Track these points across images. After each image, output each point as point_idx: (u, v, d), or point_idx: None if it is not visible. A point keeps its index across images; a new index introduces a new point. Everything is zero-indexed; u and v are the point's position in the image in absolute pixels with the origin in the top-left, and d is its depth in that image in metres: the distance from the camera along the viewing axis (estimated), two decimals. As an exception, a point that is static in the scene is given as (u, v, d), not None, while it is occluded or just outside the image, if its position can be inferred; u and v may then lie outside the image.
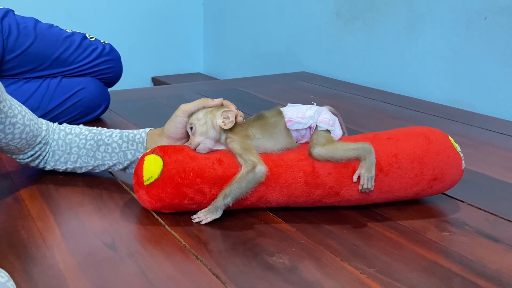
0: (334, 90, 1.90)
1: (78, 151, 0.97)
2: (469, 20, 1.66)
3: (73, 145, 0.97)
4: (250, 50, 2.75)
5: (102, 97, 1.41)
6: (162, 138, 0.94)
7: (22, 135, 0.91)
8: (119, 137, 0.97)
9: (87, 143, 0.97)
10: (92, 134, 0.97)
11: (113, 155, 0.97)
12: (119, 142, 0.96)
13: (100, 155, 0.97)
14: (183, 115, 0.90)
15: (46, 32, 1.32)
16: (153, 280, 0.67)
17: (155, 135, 0.96)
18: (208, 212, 0.82)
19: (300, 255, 0.74)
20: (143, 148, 0.96)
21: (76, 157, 0.97)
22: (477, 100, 1.67)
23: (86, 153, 0.97)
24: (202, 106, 0.89)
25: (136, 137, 0.96)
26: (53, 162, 0.99)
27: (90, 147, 0.96)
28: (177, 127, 0.91)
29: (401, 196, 0.87)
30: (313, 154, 0.82)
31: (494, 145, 1.28)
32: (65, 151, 0.97)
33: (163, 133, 0.93)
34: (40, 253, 0.73)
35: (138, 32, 2.90)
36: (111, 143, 0.96)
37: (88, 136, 0.97)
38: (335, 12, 2.17)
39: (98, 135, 0.97)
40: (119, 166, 0.98)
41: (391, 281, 0.68)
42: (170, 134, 0.92)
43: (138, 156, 0.96)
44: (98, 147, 0.96)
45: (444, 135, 0.90)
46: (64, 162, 0.99)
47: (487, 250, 0.77)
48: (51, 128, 0.99)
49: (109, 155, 0.97)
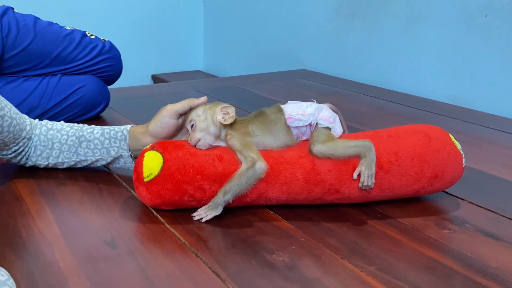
0: (334, 88, 1.90)
1: (60, 146, 0.97)
2: (469, 17, 1.66)
3: (55, 140, 0.97)
4: (250, 48, 2.74)
5: (102, 95, 1.41)
6: (146, 137, 0.95)
7: (10, 128, 0.91)
8: (101, 133, 0.97)
9: (68, 139, 0.97)
10: (73, 130, 0.98)
11: (96, 152, 0.97)
12: (101, 138, 0.97)
13: (82, 151, 0.97)
14: (169, 116, 0.91)
15: (46, 30, 1.32)
16: (153, 278, 0.67)
17: (138, 133, 0.96)
18: (208, 209, 0.82)
19: (300, 253, 0.74)
20: (126, 145, 0.96)
21: (58, 152, 0.98)
22: (477, 98, 1.66)
23: (68, 148, 0.97)
24: (188, 107, 0.91)
25: (118, 134, 0.97)
26: (35, 157, 0.99)
27: (72, 143, 0.97)
28: (162, 127, 0.92)
29: (401, 194, 0.87)
30: (313, 151, 0.82)
31: (494, 142, 1.28)
32: (47, 146, 0.98)
33: (147, 132, 0.94)
34: (40, 251, 0.73)
35: (138, 29, 2.89)
36: (93, 140, 0.97)
37: (69, 132, 0.98)
38: (335, 9, 2.17)
39: (79, 131, 0.98)
40: (102, 162, 0.99)
41: (391, 279, 0.68)
42: (155, 134, 0.93)
43: (121, 153, 0.97)
44: (80, 143, 0.97)
45: (444, 133, 0.89)
46: (46, 158, 0.99)
47: (487, 248, 0.77)
48: (33, 123, 0.99)
49: (92, 151, 0.97)
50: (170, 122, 0.92)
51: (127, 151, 0.97)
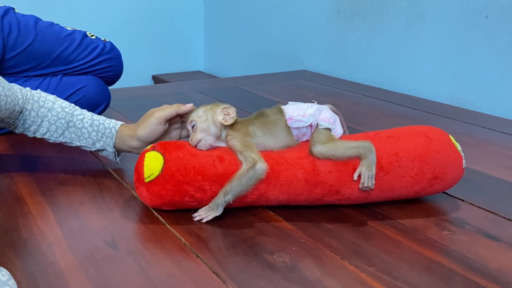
0: (335, 89, 1.90)
1: (49, 126, 0.99)
2: (470, 18, 1.66)
3: (45, 119, 0.99)
4: (251, 48, 2.74)
5: (102, 95, 1.41)
6: (133, 140, 0.97)
7: (6, 105, 0.93)
8: (90, 124, 0.99)
9: (58, 121, 0.99)
10: (64, 113, 0.99)
11: (82, 139, 1.00)
12: (89, 129, 0.99)
13: (68, 135, 1.00)
14: (157, 123, 0.94)
15: (47, 30, 1.32)
16: (153, 278, 0.67)
17: (125, 135, 0.98)
18: (209, 210, 0.82)
19: (300, 254, 0.74)
20: (112, 143, 0.99)
21: (45, 130, 1.00)
22: (478, 99, 1.66)
23: (55, 129, 0.99)
24: (175, 113, 0.94)
25: (106, 131, 0.99)
26: (22, 129, 1.01)
27: (60, 125, 0.99)
28: (150, 133, 0.95)
29: (401, 195, 0.87)
30: (314, 152, 0.82)
31: (495, 143, 1.28)
32: (36, 122, 0.99)
33: (135, 136, 0.96)
34: (41, 251, 0.73)
35: (139, 30, 2.89)
36: (81, 128, 0.99)
37: (60, 114, 0.99)
38: (336, 10, 2.17)
39: (69, 115, 0.99)
40: (86, 148, 1.02)
41: (391, 280, 0.68)
42: (143, 139, 0.96)
43: (105, 148, 1.00)
44: (68, 127, 0.99)
45: (444, 134, 0.90)
46: (33, 132, 1.01)
47: (488, 249, 0.77)
48: (25, 96, 1.00)
49: (78, 138, 1.00)
50: (158, 129, 0.95)
51: (112, 147, 0.99)
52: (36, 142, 1.20)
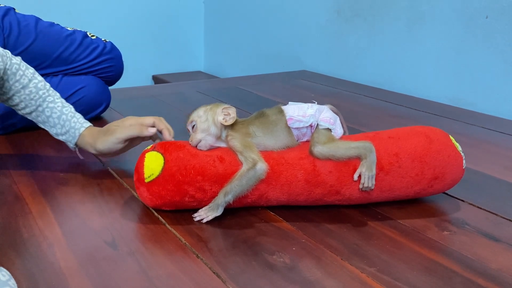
0: (335, 89, 1.90)
1: (19, 101, 1.01)
2: (470, 18, 1.66)
3: (16, 94, 1.00)
4: (251, 49, 2.74)
5: (103, 96, 1.41)
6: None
7: None
8: (57, 116, 1.01)
9: (28, 101, 1.00)
10: (37, 95, 1.01)
11: (47, 125, 1.02)
12: (56, 121, 1.01)
13: (35, 117, 1.02)
14: (116, 142, 0.98)
15: (47, 30, 1.32)
16: (154, 279, 0.67)
17: (86, 142, 1.01)
18: (209, 210, 0.82)
19: (300, 254, 0.74)
20: (74, 142, 1.01)
21: (14, 103, 1.02)
22: (478, 99, 1.67)
23: (24, 107, 1.01)
24: (136, 135, 0.97)
25: (70, 130, 1.01)
26: None
27: (30, 105, 1.01)
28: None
29: (401, 195, 0.87)
30: (314, 152, 0.82)
31: (495, 144, 1.28)
32: (7, 94, 1.01)
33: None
34: (41, 251, 0.73)
35: (139, 30, 2.89)
36: (48, 117, 1.01)
37: (32, 95, 1.00)
38: (336, 10, 2.17)
39: (41, 99, 1.01)
40: (47, 131, 1.04)
41: (391, 280, 0.68)
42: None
43: (67, 143, 1.02)
44: (37, 110, 1.01)
45: (445, 134, 0.90)
46: (5, 101, 1.02)
47: (488, 249, 0.77)
48: (5, 65, 0.98)
49: (43, 123, 1.02)
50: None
51: (73, 145, 1.02)
52: (36, 142, 1.20)
